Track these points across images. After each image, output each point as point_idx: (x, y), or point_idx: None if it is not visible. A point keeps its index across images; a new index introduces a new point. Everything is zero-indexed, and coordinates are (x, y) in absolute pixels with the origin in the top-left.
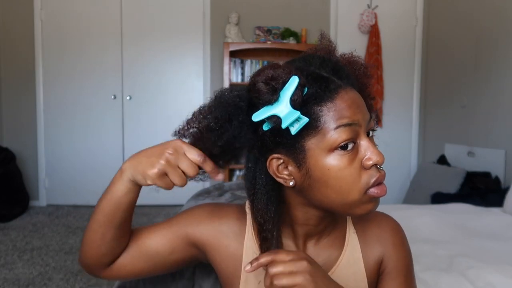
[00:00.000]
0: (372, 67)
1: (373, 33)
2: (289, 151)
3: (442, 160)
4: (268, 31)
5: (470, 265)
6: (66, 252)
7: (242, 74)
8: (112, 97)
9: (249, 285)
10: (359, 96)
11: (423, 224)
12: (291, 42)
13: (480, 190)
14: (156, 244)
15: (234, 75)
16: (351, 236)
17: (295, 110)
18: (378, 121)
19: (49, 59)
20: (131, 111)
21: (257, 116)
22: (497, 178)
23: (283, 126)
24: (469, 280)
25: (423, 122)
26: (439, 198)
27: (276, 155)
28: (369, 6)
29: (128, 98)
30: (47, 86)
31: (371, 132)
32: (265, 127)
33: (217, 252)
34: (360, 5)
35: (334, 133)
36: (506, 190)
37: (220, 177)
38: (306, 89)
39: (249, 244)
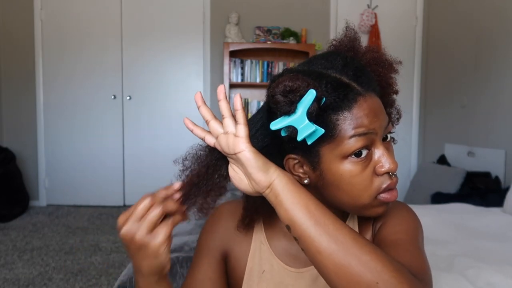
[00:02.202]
0: (396, 62)
1: (373, 33)
2: (304, 154)
3: (442, 160)
4: (268, 31)
5: (470, 265)
6: (66, 252)
7: (242, 74)
8: (112, 97)
9: (253, 274)
10: (378, 102)
11: (423, 224)
12: (291, 42)
13: (480, 190)
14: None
15: (234, 75)
16: (352, 217)
17: (311, 124)
18: (399, 118)
19: (49, 59)
20: (131, 111)
21: (274, 125)
22: (497, 178)
23: (299, 138)
24: (469, 280)
25: (423, 122)
26: (439, 198)
27: (292, 156)
28: (369, 6)
29: (128, 98)
30: (47, 86)
31: (388, 136)
32: (283, 133)
33: (232, 250)
34: (360, 5)
35: (349, 142)
36: (506, 190)
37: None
38: (324, 99)
39: (258, 234)
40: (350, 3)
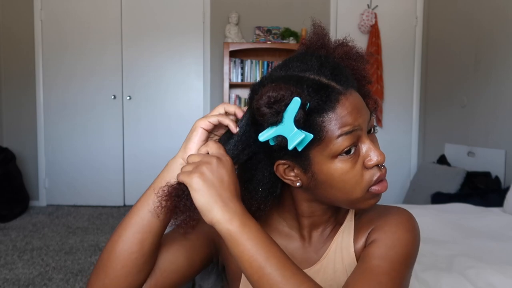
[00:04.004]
0: (368, 53)
1: (373, 33)
2: (294, 158)
3: (442, 160)
4: (268, 31)
5: (470, 265)
6: (66, 252)
7: (242, 74)
8: (112, 97)
9: None
10: (359, 97)
11: (423, 224)
12: (291, 42)
13: (480, 190)
14: (180, 257)
15: (234, 75)
16: (348, 223)
17: (300, 131)
18: (378, 109)
19: (49, 59)
20: (131, 111)
21: (263, 136)
22: (497, 178)
23: (290, 147)
24: (469, 280)
25: (423, 122)
26: (439, 198)
27: (282, 161)
28: (369, 6)
29: (128, 98)
30: (47, 86)
31: (372, 129)
32: (272, 143)
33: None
34: (360, 5)
35: (337, 141)
36: (506, 190)
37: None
38: (308, 104)
39: None
40: (350, 3)
